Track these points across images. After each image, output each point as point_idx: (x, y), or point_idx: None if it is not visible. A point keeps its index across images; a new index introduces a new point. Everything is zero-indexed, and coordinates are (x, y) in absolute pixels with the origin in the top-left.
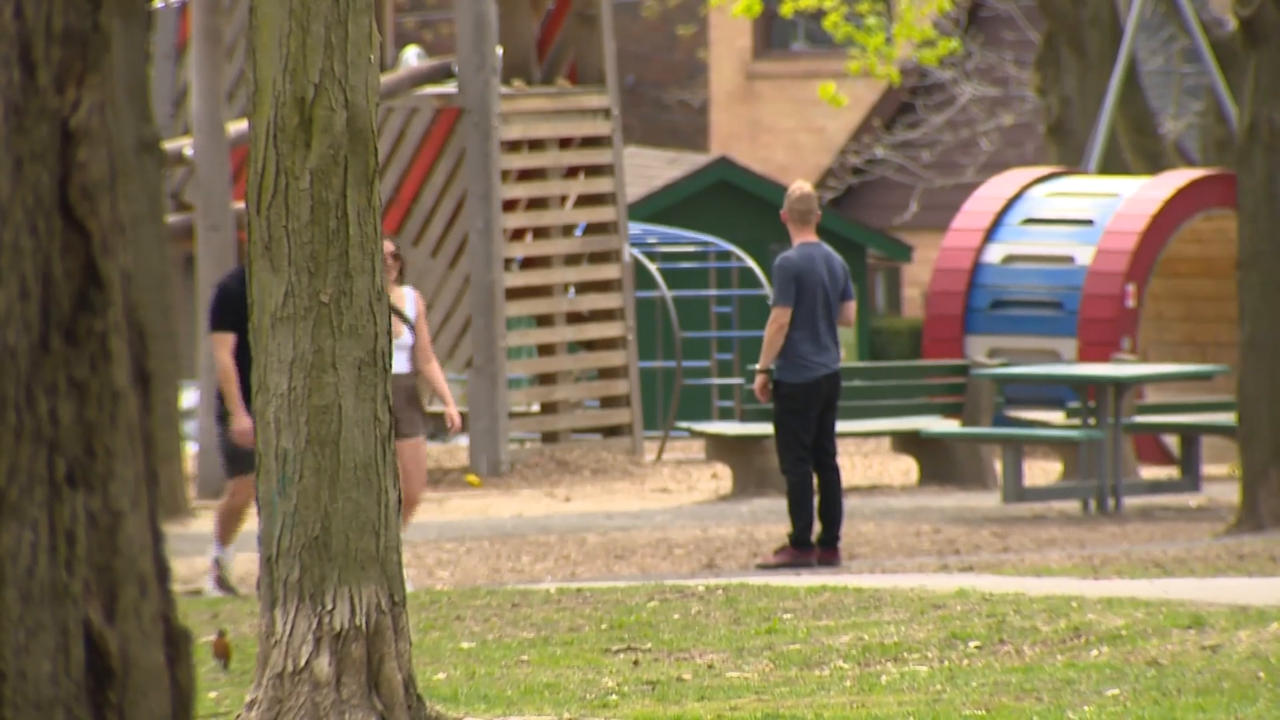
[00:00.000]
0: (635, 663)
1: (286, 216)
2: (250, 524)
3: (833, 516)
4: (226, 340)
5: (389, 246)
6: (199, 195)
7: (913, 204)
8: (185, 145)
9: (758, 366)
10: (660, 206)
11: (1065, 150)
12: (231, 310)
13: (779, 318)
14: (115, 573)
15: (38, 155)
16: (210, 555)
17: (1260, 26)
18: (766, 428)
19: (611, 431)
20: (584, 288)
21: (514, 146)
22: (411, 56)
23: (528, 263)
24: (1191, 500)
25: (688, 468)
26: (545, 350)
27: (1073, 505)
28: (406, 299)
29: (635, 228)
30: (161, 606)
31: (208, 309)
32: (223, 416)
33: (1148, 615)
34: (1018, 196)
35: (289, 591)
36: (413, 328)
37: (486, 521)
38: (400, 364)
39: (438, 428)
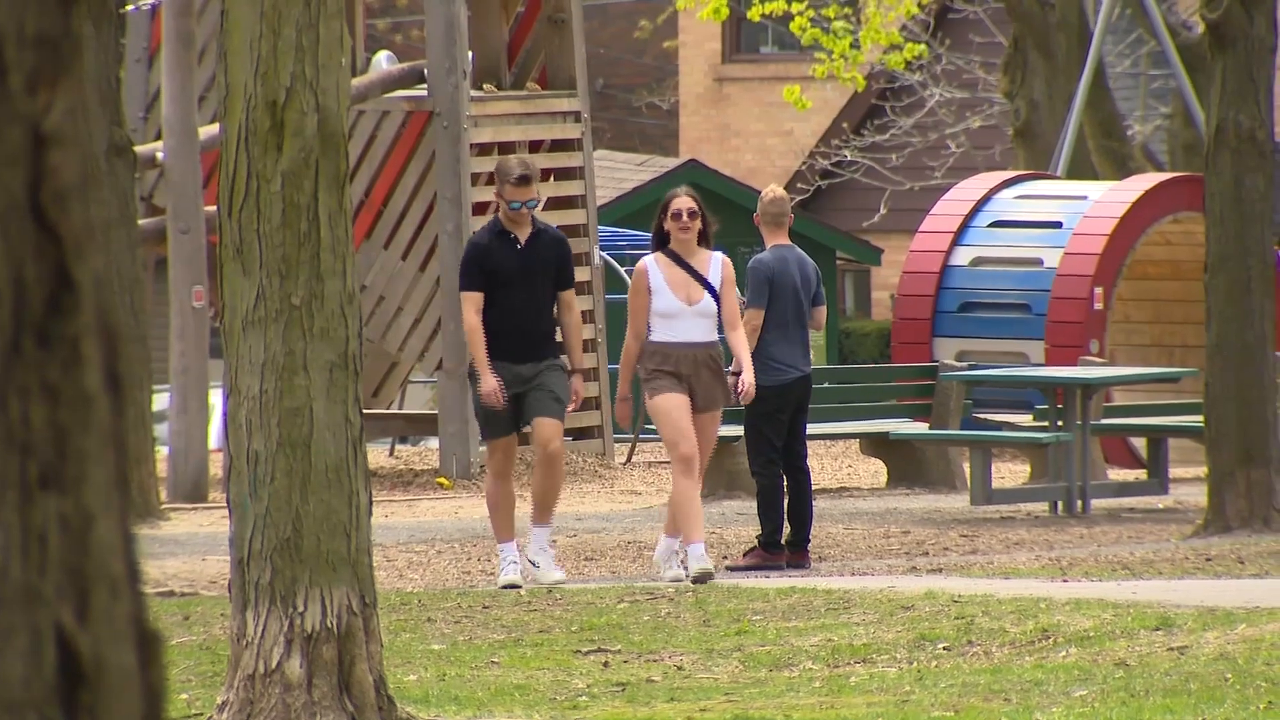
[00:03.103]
0: (605, 664)
1: (258, 219)
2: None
3: (802, 519)
4: (475, 299)
5: (688, 203)
6: (171, 198)
7: (881, 207)
8: (157, 149)
9: (731, 369)
10: (630, 210)
11: (1033, 153)
12: (480, 268)
13: (752, 319)
14: (87, 575)
15: (10, 159)
16: (506, 553)
17: (1227, 30)
18: (736, 430)
19: (581, 434)
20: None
21: (484, 149)
22: (382, 60)
23: None
24: (1159, 502)
25: (658, 470)
26: None
27: (1041, 507)
28: (711, 264)
29: (605, 231)
30: (133, 609)
31: (460, 267)
32: (471, 375)
33: (1115, 617)
34: (986, 199)
35: (260, 593)
36: (716, 294)
37: (457, 523)
38: (700, 332)
39: (717, 396)
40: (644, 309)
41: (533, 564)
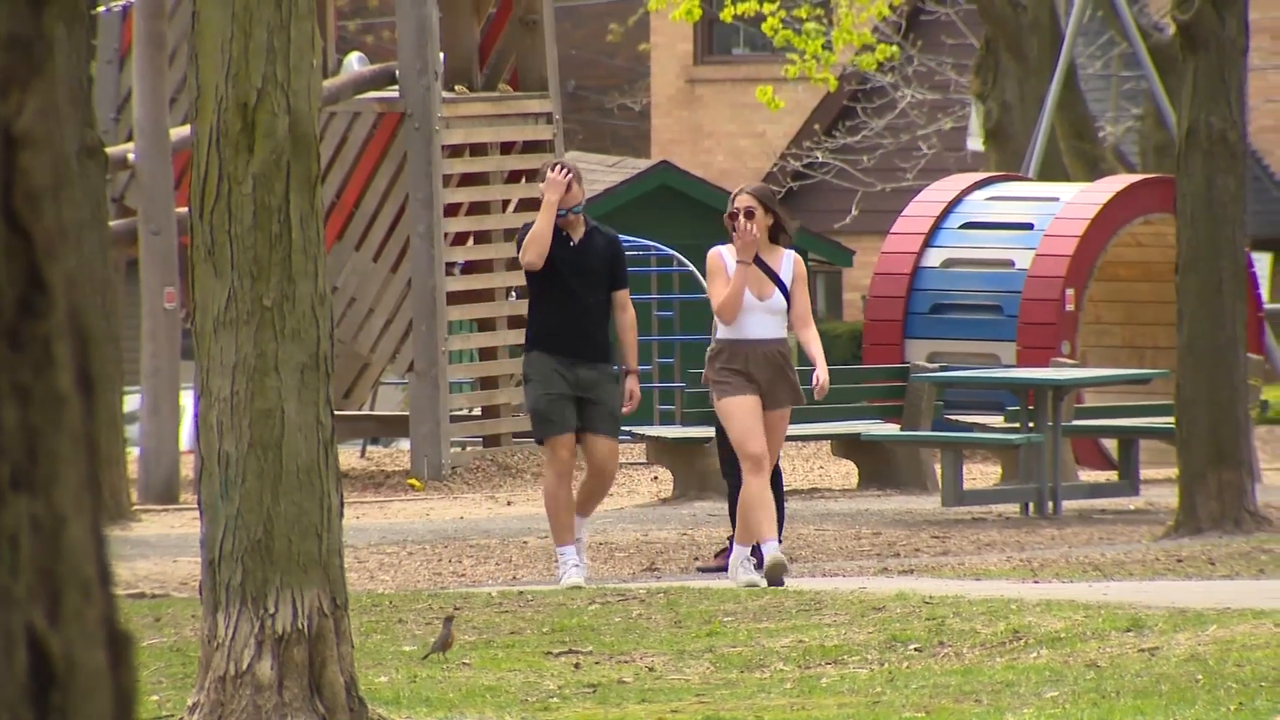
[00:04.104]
0: (576, 665)
1: (229, 221)
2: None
3: (774, 520)
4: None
5: (746, 201)
6: (142, 200)
7: (853, 208)
8: (128, 150)
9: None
10: (602, 211)
11: (1004, 155)
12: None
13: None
14: (58, 577)
15: None
16: (563, 554)
17: (1198, 32)
18: (708, 431)
19: None
20: (525, 292)
21: (456, 151)
22: (354, 61)
23: (469, 267)
24: (1130, 503)
25: (629, 470)
26: (487, 354)
27: (1012, 508)
28: (784, 260)
29: None
30: (104, 610)
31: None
32: (527, 379)
33: (1086, 618)
34: (957, 201)
35: (231, 595)
36: (787, 292)
37: (428, 525)
38: (769, 328)
39: (785, 395)
40: (719, 292)
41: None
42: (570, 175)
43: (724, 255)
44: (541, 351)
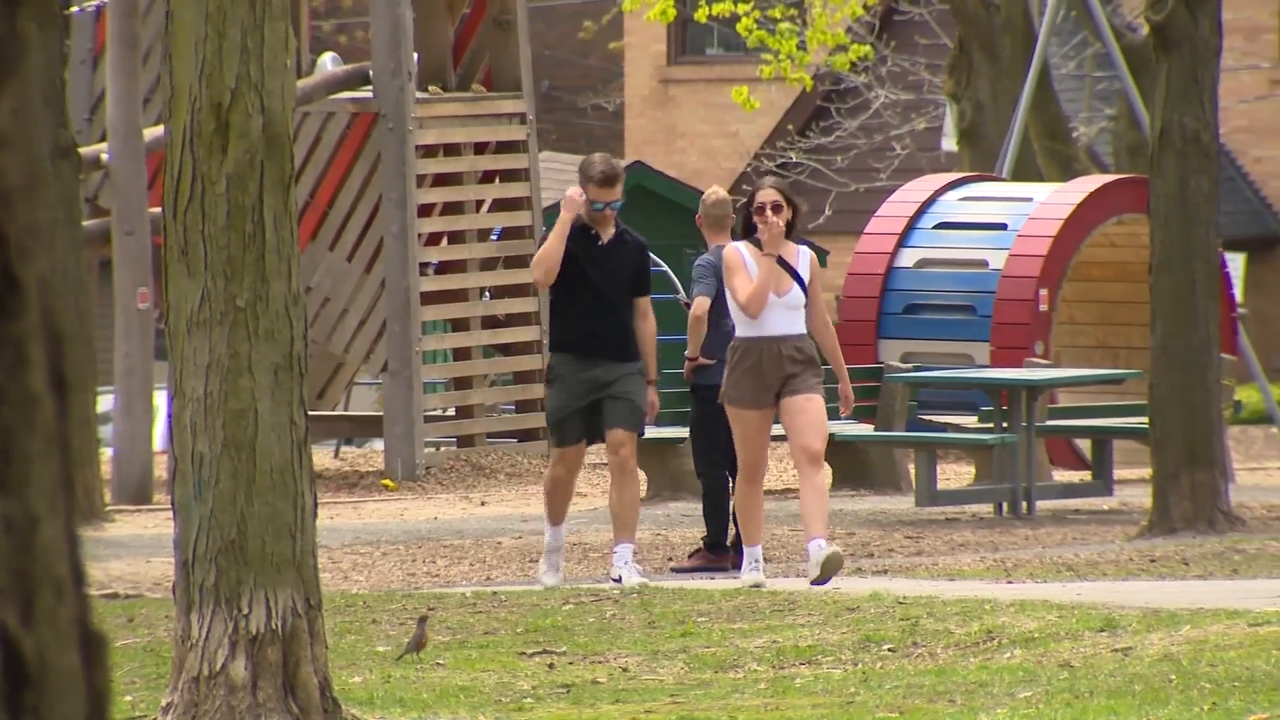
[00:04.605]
0: (550, 666)
1: (203, 221)
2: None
3: None
4: (704, 302)
5: (772, 196)
6: (115, 200)
7: (826, 208)
8: (102, 150)
9: (687, 354)
10: None
11: (978, 155)
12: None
13: (699, 307)
14: (32, 577)
15: None
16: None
17: (1172, 32)
18: (682, 431)
19: (527, 435)
20: (499, 292)
21: (429, 151)
22: (328, 61)
23: (443, 267)
24: (1104, 504)
25: (602, 471)
26: (461, 354)
27: (986, 508)
28: (800, 256)
29: None
30: (78, 611)
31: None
32: (549, 381)
33: (1060, 618)
34: (931, 201)
35: (205, 595)
36: (804, 286)
37: (402, 525)
38: (787, 324)
39: (809, 379)
40: (744, 286)
41: (616, 580)
42: (612, 173)
43: (741, 251)
44: (564, 352)
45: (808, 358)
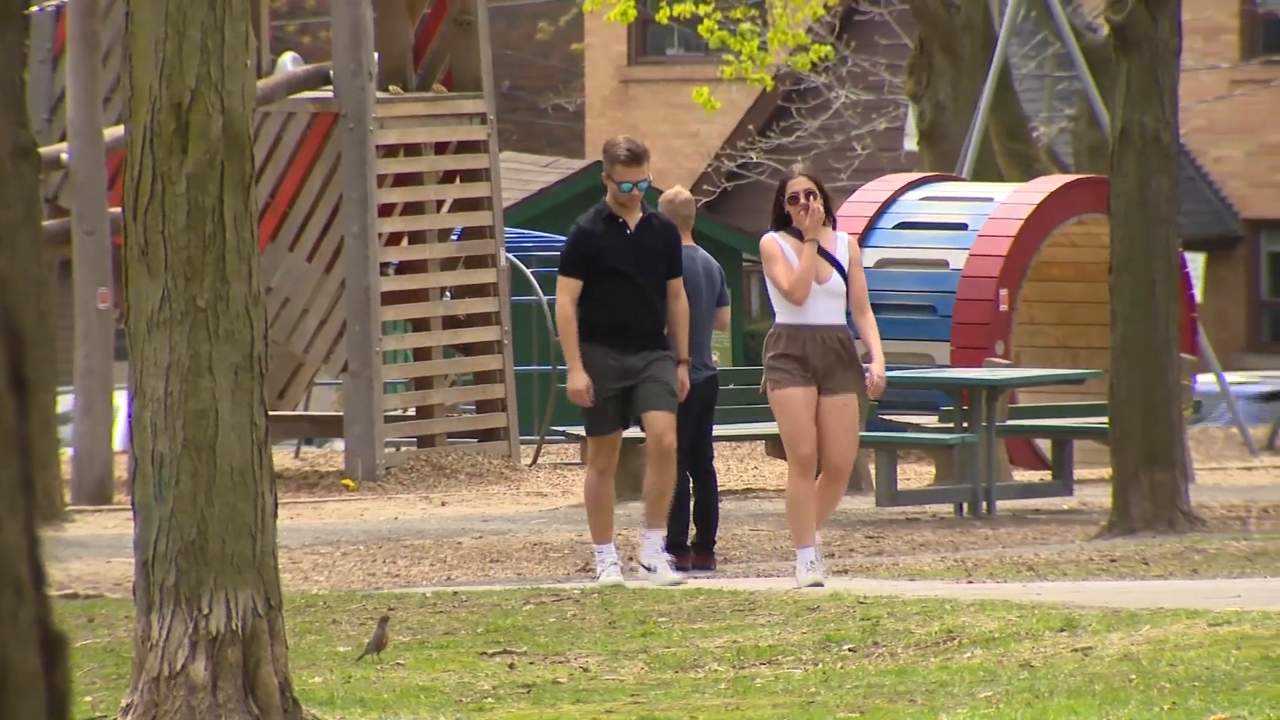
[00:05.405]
0: (511, 666)
1: (163, 221)
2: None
3: (708, 520)
4: (572, 287)
5: (805, 184)
6: (76, 200)
7: None
8: (62, 150)
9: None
10: (536, 211)
11: (938, 155)
12: (582, 255)
13: None
14: None
15: None
16: (598, 559)
17: (1132, 32)
18: (640, 432)
19: (487, 435)
20: (460, 292)
21: (390, 151)
22: (288, 62)
23: (404, 267)
24: (1064, 503)
25: (563, 471)
26: (421, 354)
27: (946, 508)
28: (838, 243)
29: (511, 232)
30: (38, 611)
31: (564, 252)
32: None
33: (1020, 618)
34: (891, 201)
35: (165, 595)
36: (844, 273)
37: (362, 525)
38: (829, 313)
39: (849, 380)
40: (786, 273)
41: (648, 569)
42: (637, 151)
43: (778, 240)
44: (595, 343)
45: (850, 356)
